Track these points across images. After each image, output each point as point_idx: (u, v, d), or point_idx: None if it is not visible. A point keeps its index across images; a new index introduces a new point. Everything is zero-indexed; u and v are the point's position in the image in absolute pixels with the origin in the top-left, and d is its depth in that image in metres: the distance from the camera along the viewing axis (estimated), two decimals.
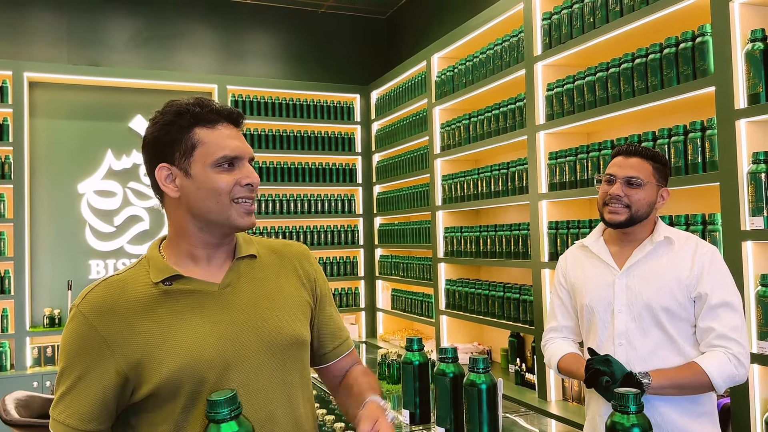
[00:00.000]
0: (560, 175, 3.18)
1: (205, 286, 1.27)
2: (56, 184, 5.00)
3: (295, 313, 1.36)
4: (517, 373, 3.63)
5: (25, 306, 4.66)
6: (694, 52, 2.46)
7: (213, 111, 1.27)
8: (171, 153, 1.26)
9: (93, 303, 1.21)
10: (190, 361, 1.19)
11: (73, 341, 1.19)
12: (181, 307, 1.23)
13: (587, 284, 2.03)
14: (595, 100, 2.94)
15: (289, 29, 5.96)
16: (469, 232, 4.05)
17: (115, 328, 1.19)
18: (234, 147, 1.26)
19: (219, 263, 1.31)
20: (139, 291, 1.23)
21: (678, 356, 1.87)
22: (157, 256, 1.28)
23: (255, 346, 1.26)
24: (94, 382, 1.17)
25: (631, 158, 1.94)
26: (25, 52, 5.07)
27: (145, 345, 1.19)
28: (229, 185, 1.25)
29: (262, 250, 1.39)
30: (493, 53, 3.78)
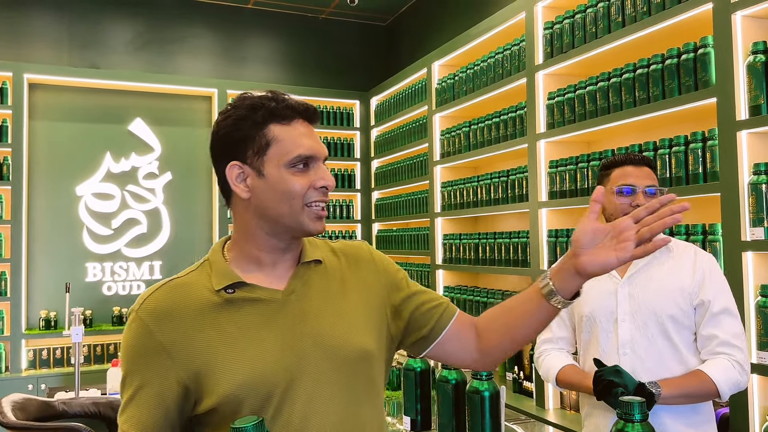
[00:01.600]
0: (560, 183, 3.19)
1: (268, 294, 1.18)
2: (54, 186, 4.98)
3: (362, 323, 1.24)
4: (514, 381, 3.63)
5: (21, 308, 4.64)
6: (696, 63, 2.48)
7: (288, 107, 1.19)
8: (243, 150, 1.18)
9: (152, 308, 1.14)
10: (253, 376, 1.11)
11: (132, 348, 1.14)
12: (243, 317, 1.15)
13: (587, 293, 1.99)
14: (596, 110, 2.96)
15: (289, 34, 5.97)
16: (468, 239, 4.05)
17: (174, 334, 1.12)
18: (309, 146, 1.17)
19: (285, 268, 1.22)
20: (201, 297, 1.16)
21: (681, 365, 1.87)
22: (219, 259, 1.21)
23: (319, 359, 1.16)
24: (155, 391, 1.11)
25: (642, 167, 1.92)
26: (26, 53, 5.07)
27: (206, 355, 1.12)
28: (303, 188, 1.16)
29: (326, 253, 1.30)
30: (495, 61, 3.79)
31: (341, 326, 1.20)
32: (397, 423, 2.32)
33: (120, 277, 5.18)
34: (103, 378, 3.75)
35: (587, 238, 1.14)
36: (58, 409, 2.93)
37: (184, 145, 5.44)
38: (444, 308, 1.32)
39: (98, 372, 4.54)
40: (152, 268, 5.30)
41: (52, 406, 2.92)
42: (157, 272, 5.30)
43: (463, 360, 1.34)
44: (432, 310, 1.31)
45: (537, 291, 1.21)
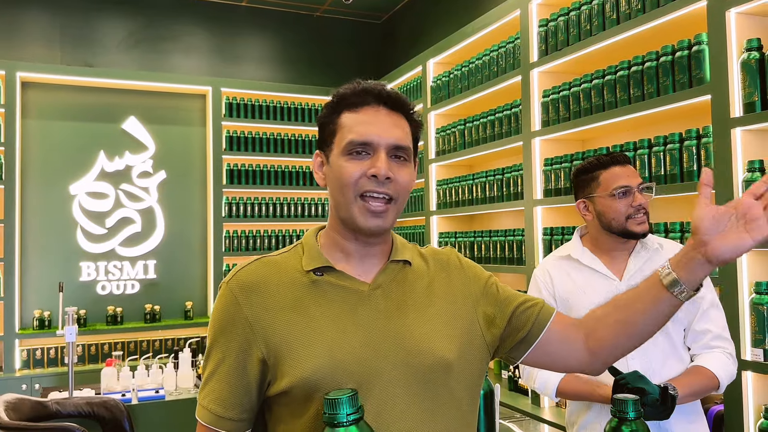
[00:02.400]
0: (555, 181, 3.18)
1: (355, 284, 1.15)
2: (48, 185, 4.96)
3: (445, 331, 1.17)
4: (510, 379, 3.62)
5: (14, 308, 4.62)
6: (690, 60, 2.48)
7: (361, 92, 1.15)
8: (323, 138, 1.18)
9: (242, 280, 1.14)
10: (331, 363, 1.08)
11: (219, 319, 1.14)
12: (327, 302, 1.13)
13: (583, 297, 1.94)
14: (591, 107, 2.95)
15: (284, 32, 5.95)
16: (464, 238, 4.05)
17: (260, 309, 1.11)
18: (363, 132, 1.11)
19: (373, 263, 1.18)
20: (290, 276, 1.15)
21: (680, 363, 1.86)
22: (312, 243, 1.19)
23: (396, 360, 1.11)
24: (237, 365, 1.11)
25: (628, 166, 1.92)
26: (18, 51, 5.04)
27: (287, 335, 1.10)
28: (352, 176, 1.10)
29: (415, 256, 1.25)
30: (489, 59, 3.79)
31: (423, 330, 1.15)
32: None
33: (114, 277, 5.16)
34: (98, 378, 3.73)
35: (709, 224, 1.06)
36: (51, 409, 2.92)
37: (178, 143, 5.42)
38: (540, 307, 1.24)
39: (92, 372, 4.52)
40: (147, 267, 5.28)
41: (45, 406, 2.91)
42: (152, 271, 5.28)
43: (570, 363, 1.25)
44: (527, 311, 1.23)
45: (656, 283, 1.13)
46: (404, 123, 1.17)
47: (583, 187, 1.98)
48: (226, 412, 1.11)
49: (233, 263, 5.37)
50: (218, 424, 1.11)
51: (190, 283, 5.41)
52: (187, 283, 5.40)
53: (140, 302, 5.19)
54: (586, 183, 1.97)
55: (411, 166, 1.17)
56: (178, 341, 5.09)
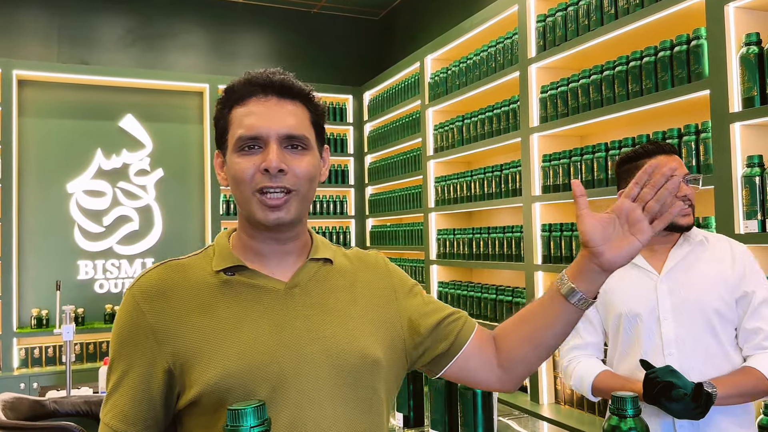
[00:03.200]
0: (554, 177, 3.17)
1: (270, 283, 1.10)
2: (45, 184, 4.94)
3: (369, 330, 1.14)
4: None
5: (12, 306, 4.61)
6: (689, 55, 2.47)
7: (246, 83, 1.10)
8: (218, 137, 1.14)
9: (145, 286, 1.08)
10: (242, 366, 1.02)
11: (122, 328, 1.07)
12: (240, 303, 1.07)
13: (621, 292, 1.86)
14: (590, 103, 2.94)
15: (281, 29, 5.94)
16: (462, 234, 4.04)
17: (165, 317, 1.05)
18: (250, 125, 1.07)
19: (288, 262, 1.14)
20: (198, 279, 1.09)
21: (727, 362, 1.76)
22: (224, 243, 1.14)
23: (317, 361, 1.06)
24: (141, 378, 1.04)
25: (673, 155, 1.82)
26: (15, 49, 5.02)
27: (195, 341, 1.04)
28: (246, 173, 1.06)
29: (338, 255, 1.22)
30: (487, 55, 3.77)
31: (345, 329, 1.11)
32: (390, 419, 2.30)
33: (112, 275, 5.15)
34: (95, 376, 3.73)
35: (599, 234, 1.08)
36: (49, 408, 2.91)
37: (175, 141, 5.40)
38: (464, 322, 1.23)
39: (90, 370, 4.52)
40: (144, 265, 5.26)
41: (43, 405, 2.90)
42: None
43: (487, 378, 1.23)
44: (451, 324, 1.22)
45: (556, 294, 1.14)
46: (299, 109, 1.11)
47: (626, 176, 1.88)
48: (126, 427, 1.04)
49: None
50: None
51: None
52: None
53: None
54: (630, 172, 1.86)
55: (312, 154, 1.11)
56: None
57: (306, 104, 1.13)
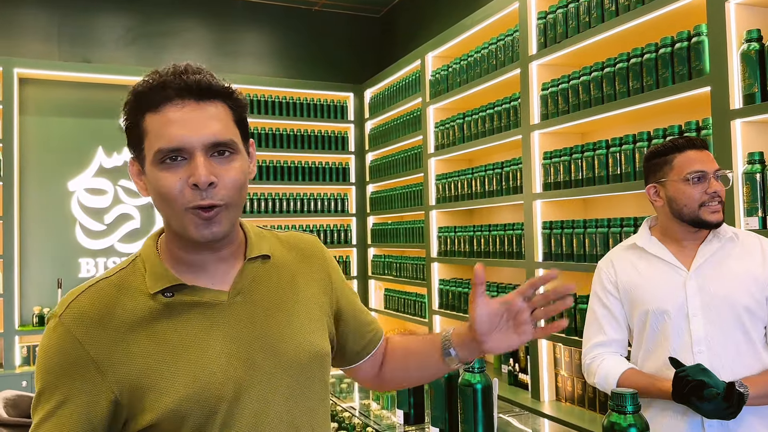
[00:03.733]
0: (555, 174, 3.17)
1: (212, 296, 1.05)
2: (46, 182, 4.95)
3: (314, 324, 1.15)
4: (510, 374, 3.62)
5: (14, 304, 4.61)
6: (689, 52, 2.46)
7: (159, 87, 0.99)
8: (131, 143, 1.03)
9: (78, 313, 0.99)
10: (197, 389, 0.99)
11: (53, 358, 0.97)
12: (184, 323, 1.02)
13: (650, 289, 1.83)
14: (590, 100, 2.94)
15: (282, 27, 5.93)
16: (463, 232, 4.04)
17: (106, 345, 0.98)
18: (170, 136, 0.97)
19: (227, 267, 1.09)
20: (135, 302, 1.01)
21: (757, 361, 1.73)
22: (154, 256, 1.06)
23: (269, 366, 1.05)
24: (79, 409, 0.96)
25: (704, 150, 1.79)
26: (16, 47, 5.02)
27: (143, 368, 0.98)
28: (174, 189, 0.98)
29: (275, 247, 1.17)
30: (488, 52, 3.77)
31: (293, 328, 1.10)
32: (391, 416, 2.31)
33: None
34: None
35: (485, 323, 1.13)
36: None
37: None
38: (376, 330, 1.32)
39: None
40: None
41: None
42: None
43: (366, 378, 1.34)
44: (368, 327, 1.30)
45: (437, 345, 1.21)
46: (221, 110, 1.02)
47: (655, 171, 1.85)
48: None
49: None
50: None
51: None
52: None
53: None
54: (658, 167, 1.84)
55: (240, 158, 1.03)
56: None
57: (227, 102, 1.04)
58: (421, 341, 1.28)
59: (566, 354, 3.14)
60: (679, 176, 1.78)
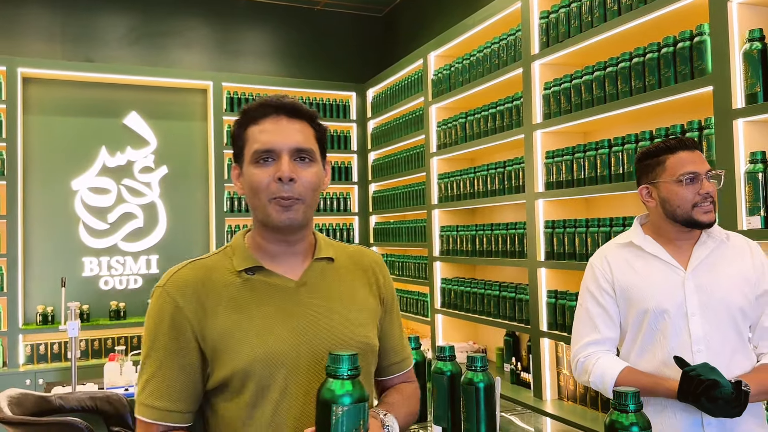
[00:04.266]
0: (557, 174, 3.17)
1: (283, 281, 1.28)
2: (50, 181, 4.97)
3: (367, 320, 1.35)
4: (512, 372, 3.63)
5: (17, 303, 4.63)
6: (692, 51, 2.46)
7: (261, 106, 1.28)
8: (235, 152, 1.32)
9: (179, 283, 1.24)
10: (263, 354, 1.20)
11: (159, 321, 1.22)
12: (260, 298, 1.26)
13: (648, 287, 1.83)
14: (593, 99, 2.94)
15: (285, 26, 5.94)
16: (465, 231, 4.04)
17: (199, 309, 1.22)
18: (264, 141, 1.24)
19: (298, 261, 1.32)
20: (223, 277, 1.26)
21: (747, 360, 1.77)
22: (241, 244, 1.31)
23: (326, 347, 1.24)
24: (181, 360, 1.21)
25: (696, 151, 1.80)
26: (19, 47, 5.04)
27: (225, 330, 1.21)
28: (262, 181, 1.24)
29: (339, 254, 1.40)
30: (490, 52, 3.77)
31: (348, 319, 1.30)
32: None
33: (117, 272, 5.17)
34: (100, 372, 3.75)
35: None
36: (54, 404, 2.92)
37: (179, 138, 5.42)
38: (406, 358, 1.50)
39: (95, 366, 4.54)
40: (149, 262, 5.28)
41: (48, 401, 2.92)
42: (154, 266, 5.29)
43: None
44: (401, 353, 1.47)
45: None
46: (306, 128, 1.28)
47: (647, 171, 1.86)
48: (174, 405, 1.20)
49: None
50: (166, 418, 1.20)
51: None
52: None
53: (142, 297, 5.20)
54: (651, 168, 1.84)
55: (316, 166, 1.29)
56: None
57: (311, 123, 1.30)
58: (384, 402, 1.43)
59: (568, 353, 3.14)
60: (671, 177, 1.79)
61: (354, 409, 1.06)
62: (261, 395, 1.21)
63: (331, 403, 1.06)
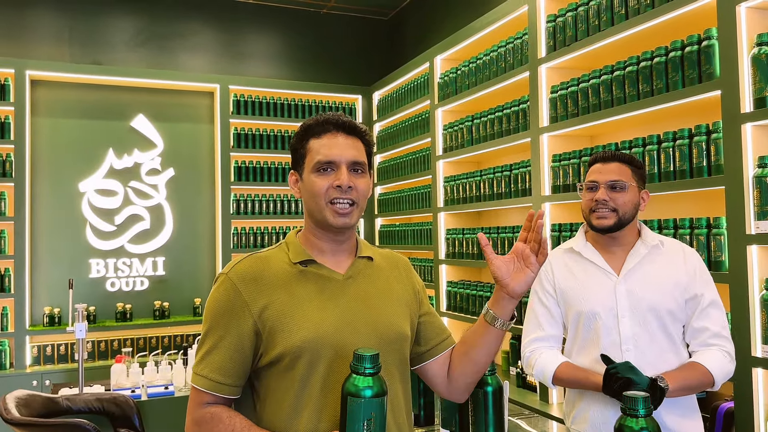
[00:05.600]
0: (564, 177, 3.17)
1: (332, 274, 1.44)
2: (57, 183, 4.99)
3: (402, 311, 1.50)
4: (518, 376, 3.62)
5: (25, 304, 4.65)
6: (700, 55, 2.46)
7: (324, 122, 1.45)
8: (296, 160, 1.49)
9: (241, 272, 1.40)
10: (313, 334, 1.34)
11: (220, 304, 1.38)
12: (311, 287, 1.41)
13: (583, 291, 2.01)
14: (600, 103, 2.94)
15: (291, 29, 5.96)
16: (471, 234, 4.04)
17: (257, 294, 1.37)
18: (327, 153, 1.41)
19: (342, 258, 1.48)
20: (280, 267, 1.42)
21: (677, 357, 1.92)
22: (295, 241, 1.48)
23: (366, 334, 1.40)
24: (236, 340, 1.35)
25: (609, 163, 1.98)
26: (28, 50, 5.06)
27: (279, 313, 1.36)
28: (322, 188, 1.40)
29: (375, 255, 1.56)
30: (497, 55, 3.78)
31: (387, 311, 1.46)
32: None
33: (123, 273, 5.19)
34: (107, 374, 3.76)
35: (502, 271, 1.43)
36: (62, 406, 2.93)
37: (186, 140, 5.44)
38: (447, 336, 1.60)
39: (102, 368, 4.55)
40: (156, 264, 5.30)
41: (56, 403, 2.93)
42: (161, 268, 5.30)
43: (438, 384, 1.58)
44: (438, 333, 1.58)
45: (483, 320, 1.48)
46: (359, 143, 1.46)
47: None
48: (225, 379, 1.35)
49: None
50: (217, 389, 1.35)
51: (198, 280, 5.43)
52: (196, 279, 5.42)
53: (149, 299, 5.22)
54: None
55: (367, 176, 1.47)
56: (186, 337, 5.11)
57: (362, 140, 1.48)
58: (468, 331, 1.55)
59: None
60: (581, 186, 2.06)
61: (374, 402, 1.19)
62: (310, 372, 1.34)
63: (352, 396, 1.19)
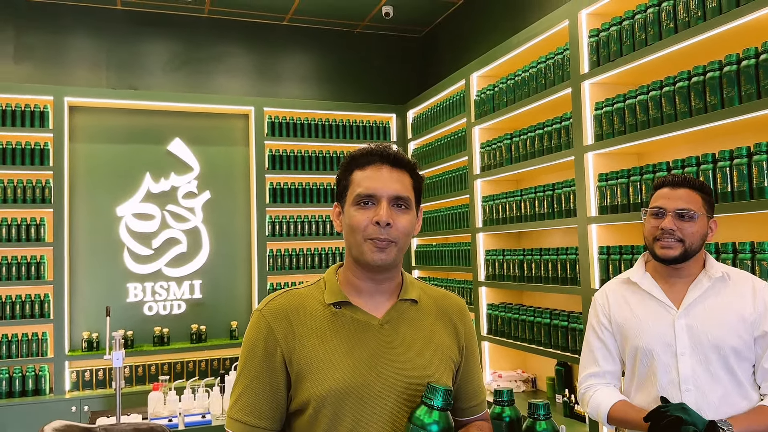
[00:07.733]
0: (611, 197, 3.04)
1: (367, 318, 1.36)
2: (95, 208, 5.03)
3: (440, 362, 1.39)
4: (565, 405, 3.47)
5: (64, 330, 4.67)
6: (757, 69, 2.32)
7: (367, 154, 1.37)
8: (339, 192, 1.40)
9: (274, 309, 1.35)
10: (343, 385, 1.28)
11: (254, 342, 1.33)
12: (343, 331, 1.34)
13: (640, 325, 1.89)
14: (648, 120, 2.81)
15: (324, 49, 5.94)
16: (512, 256, 3.92)
17: (289, 334, 1.32)
18: (367, 186, 1.33)
19: (383, 299, 1.39)
20: (313, 307, 1.36)
21: (744, 400, 1.78)
22: (333, 279, 1.40)
23: (398, 387, 1.32)
24: (269, 380, 1.30)
25: (678, 189, 1.84)
26: (65, 76, 5.14)
27: (309, 358, 1.30)
28: (361, 223, 1.32)
29: (423, 296, 1.45)
30: (537, 71, 3.67)
31: (424, 362, 1.36)
32: None
33: (161, 297, 5.19)
34: (145, 400, 3.73)
35: None
36: None
37: (222, 163, 5.44)
38: (481, 401, 1.51)
39: (140, 393, 4.54)
40: (192, 287, 5.29)
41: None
42: (198, 291, 5.29)
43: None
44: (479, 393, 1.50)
45: None
46: (405, 177, 1.37)
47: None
48: (260, 422, 1.29)
49: (277, 282, 5.34)
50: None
51: (235, 303, 5.40)
52: (232, 302, 5.39)
53: (186, 322, 5.20)
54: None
55: (411, 213, 1.37)
56: (223, 361, 5.07)
57: (410, 173, 1.38)
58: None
59: None
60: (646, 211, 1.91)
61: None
62: (334, 423, 1.28)
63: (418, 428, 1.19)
